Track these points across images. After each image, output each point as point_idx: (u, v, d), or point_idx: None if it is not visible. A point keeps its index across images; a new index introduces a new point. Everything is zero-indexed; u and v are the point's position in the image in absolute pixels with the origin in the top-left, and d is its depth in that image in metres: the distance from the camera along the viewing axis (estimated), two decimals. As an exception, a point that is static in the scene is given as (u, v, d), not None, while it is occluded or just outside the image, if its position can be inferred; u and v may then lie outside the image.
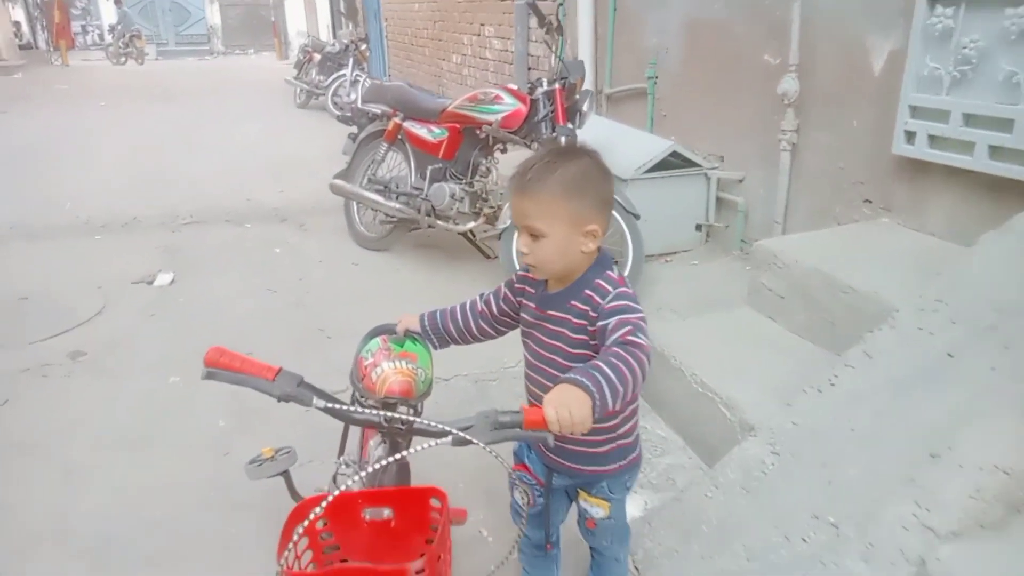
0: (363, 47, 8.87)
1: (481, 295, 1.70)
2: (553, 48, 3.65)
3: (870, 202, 3.13)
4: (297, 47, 13.15)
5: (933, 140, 2.75)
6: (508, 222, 3.60)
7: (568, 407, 1.14)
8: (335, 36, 11.03)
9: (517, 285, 1.62)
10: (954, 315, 2.19)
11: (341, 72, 9.08)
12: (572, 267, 1.45)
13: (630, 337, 1.31)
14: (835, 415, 2.14)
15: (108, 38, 19.77)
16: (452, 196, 3.91)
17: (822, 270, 2.62)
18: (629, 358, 1.26)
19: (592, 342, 1.44)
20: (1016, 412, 1.92)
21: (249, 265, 4.36)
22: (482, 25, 7.10)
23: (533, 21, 5.93)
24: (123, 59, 18.53)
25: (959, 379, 2.05)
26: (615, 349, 1.28)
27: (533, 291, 1.57)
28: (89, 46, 23.88)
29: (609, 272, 1.46)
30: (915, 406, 2.05)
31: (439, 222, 4.04)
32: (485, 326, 1.67)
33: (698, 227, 4.09)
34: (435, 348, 1.69)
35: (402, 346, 1.57)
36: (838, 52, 3.18)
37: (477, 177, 3.99)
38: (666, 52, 4.36)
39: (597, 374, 1.20)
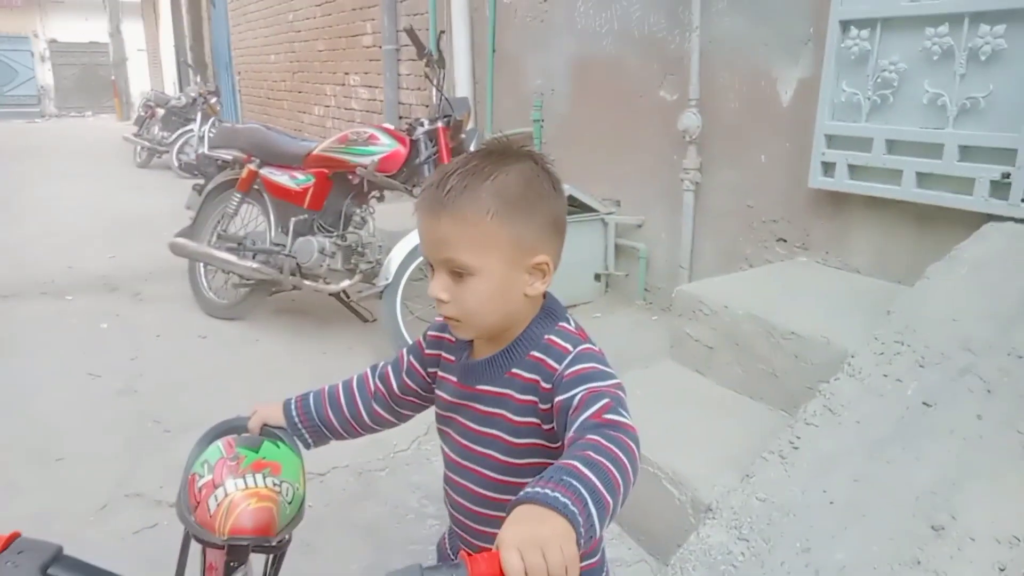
0: (212, 100, 8.17)
1: (374, 368, 1.19)
2: (434, 82, 3.26)
3: (784, 241, 2.91)
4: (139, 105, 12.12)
5: (853, 170, 2.56)
6: (389, 279, 3.10)
7: (540, 546, 0.66)
8: (181, 91, 10.23)
9: (428, 352, 1.14)
10: (920, 357, 1.92)
11: (188, 128, 8.30)
12: (512, 319, 1.00)
13: (609, 416, 0.86)
14: (806, 486, 1.79)
15: (-87, 98, 17.63)
16: (321, 251, 3.36)
17: (756, 315, 2.31)
18: (615, 450, 0.80)
19: (545, 427, 0.98)
20: (1019, 466, 1.63)
21: (67, 345, 3.56)
22: (346, 74, 6.66)
23: (403, 67, 5.58)
24: (-69, 121, 16.53)
25: (943, 431, 1.76)
26: (592, 438, 0.82)
27: (452, 359, 1.10)
28: None
29: (563, 324, 1.01)
30: (898, 468, 1.74)
31: (306, 282, 3.47)
32: (381, 411, 1.17)
33: (597, 277, 3.77)
34: (308, 447, 1.17)
35: (257, 452, 1.04)
36: (741, 84, 2.98)
37: (350, 229, 3.47)
38: (552, 93, 4.09)
39: (575, 482, 0.74)
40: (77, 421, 2.82)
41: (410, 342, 1.21)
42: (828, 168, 2.63)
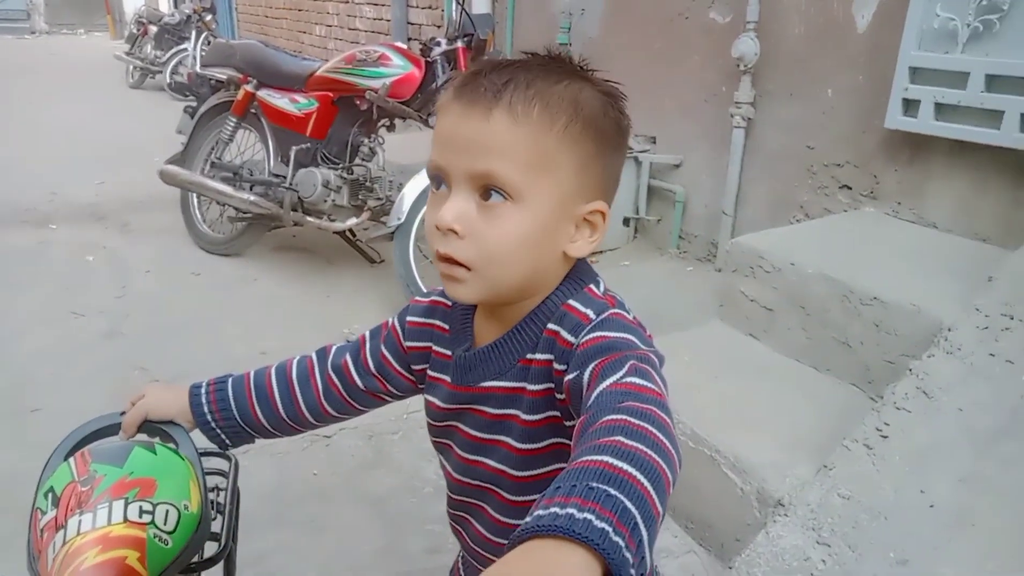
0: (208, 17, 7.66)
1: (321, 355, 0.90)
2: (454, -6, 2.88)
3: (848, 188, 2.58)
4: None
5: (941, 110, 2.22)
6: (402, 218, 2.78)
7: None
8: (175, 7, 9.66)
9: (410, 345, 0.84)
10: (1036, 335, 1.63)
11: (182, 47, 7.81)
12: (534, 284, 0.73)
13: (629, 380, 0.59)
14: (900, 483, 1.52)
15: None
16: (325, 185, 3.04)
17: (830, 276, 2.01)
18: (650, 429, 0.52)
19: (567, 424, 0.72)
20: None
21: (50, 280, 3.27)
22: (351, -9, 6.18)
23: (413, -17, 5.12)
24: (-86, 33, 15.80)
25: (1068, 426, 1.48)
26: (611, 419, 0.54)
27: (447, 354, 0.81)
28: None
29: (590, 287, 0.74)
30: (1016, 468, 1.47)
31: (309, 219, 3.16)
32: (331, 409, 0.89)
33: (626, 221, 3.45)
34: (224, 448, 0.89)
35: (122, 468, 0.74)
36: (809, 5, 2.60)
37: (358, 160, 3.12)
38: (581, 14, 3.67)
39: (614, 491, 0.45)
40: (57, 367, 2.56)
41: (423, 289, 0.92)
42: (910, 106, 2.29)
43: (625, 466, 0.47)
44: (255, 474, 1.94)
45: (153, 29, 8.66)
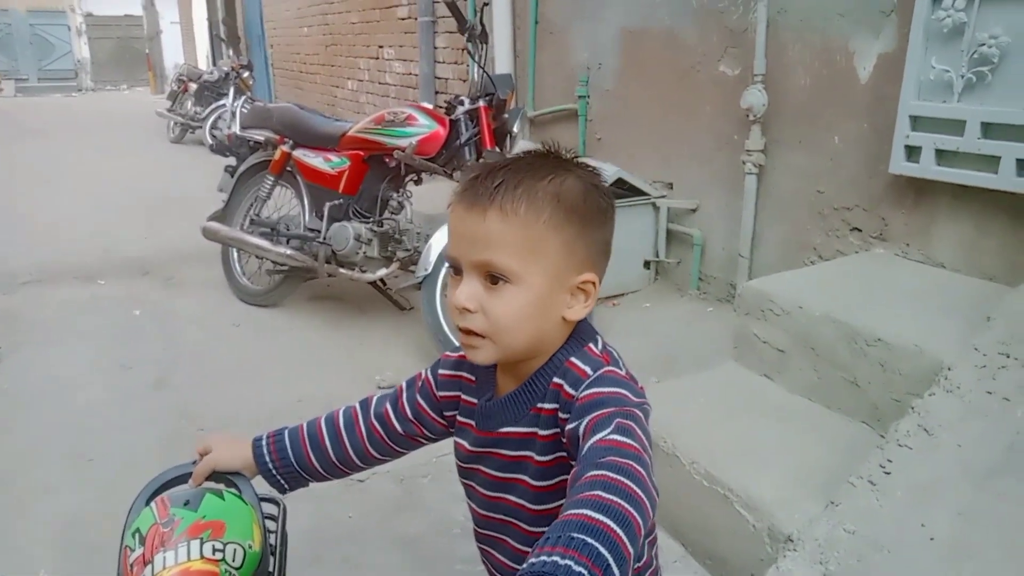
0: (245, 75, 8.04)
1: (364, 405, 1.04)
2: (476, 58, 3.06)
3: (859, 231, 2.67)
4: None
5: (941, 156, 2.32)
6: (428, 269, 2.93)
7: None
8: (214, 65, 10.13)
9: (441, 395, 0.99)
10: (1032, 374, 1.70)
11: (221, 103, 8.19)
12: (540, 344, 0.86)
13: (613, 437, 0.72)
14: (902, 518, 1.59)
15: (-46, 73, 17.83)
16: (357, 238, 3.20)
17: (836, 318, 2.10)
18: (628, 483, 0.67)
19: (573, 464, 0.86)
20: None
21: (100, 334, 3.47)
22: (380, 47, 6.46)
23: (439, 40, 5.36)
24: (-28, 95, 16.69)
25: (1063, 463, 1.55)
26: (593, 475, 0.68)
27: (473, 401, 0.95)
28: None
29: (589, 346, 0.87)
30: (1012, 503, 1.53)
31: (342, 270, 3.33)
32: (375, 452, 1.03)
33: (646, 264, 3.57)
34: (283, 492, 1.03)
35: (196, 512, 0.87)
36: (814, 58, 2.73)
37: (387, 214, 3.30)
38: (599, 68, 3.84)
39: (591, 540, 0.60)
40: (109, 417, 2.72)
41: (449, 334, 1.07)
42: (912, 152, 2.39)
43: (601, 517, 0.61)
44: (295, 517, 2.04)
45: (193, 86, 9.08)
